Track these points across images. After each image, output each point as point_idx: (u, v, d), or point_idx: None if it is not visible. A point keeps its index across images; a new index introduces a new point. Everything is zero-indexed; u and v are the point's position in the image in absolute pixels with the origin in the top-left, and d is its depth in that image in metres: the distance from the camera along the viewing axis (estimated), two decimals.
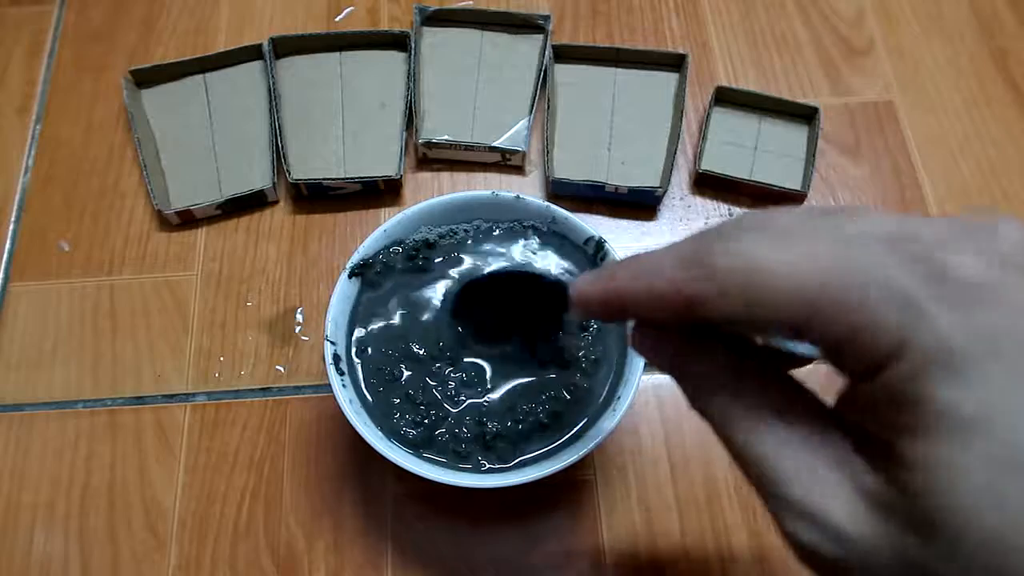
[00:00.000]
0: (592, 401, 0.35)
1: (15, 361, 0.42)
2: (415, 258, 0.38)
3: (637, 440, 0.40)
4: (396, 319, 0.37)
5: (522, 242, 0.39)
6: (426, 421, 0.34)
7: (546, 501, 0.38)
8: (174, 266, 0.44)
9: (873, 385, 0.17)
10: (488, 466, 0.34)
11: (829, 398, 0.20)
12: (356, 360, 0.36)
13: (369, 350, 0.36)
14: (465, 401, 0.35)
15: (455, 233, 0.39)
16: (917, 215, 0.18)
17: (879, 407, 0.17)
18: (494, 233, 0.39)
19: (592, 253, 0.37)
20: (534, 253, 0.38)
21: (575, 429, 0.35)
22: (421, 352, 0.36)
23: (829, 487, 0.18)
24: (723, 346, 0.21)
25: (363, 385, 0.36)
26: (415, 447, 0.34)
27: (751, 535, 0.38)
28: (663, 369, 0.22)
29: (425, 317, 0.37)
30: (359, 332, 0.37)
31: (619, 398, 0.34)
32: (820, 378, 0.20)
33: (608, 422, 0.33)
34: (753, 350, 0.22)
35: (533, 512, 0.38)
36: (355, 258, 0.36)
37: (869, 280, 0.17)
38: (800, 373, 0.21)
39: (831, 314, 0.17)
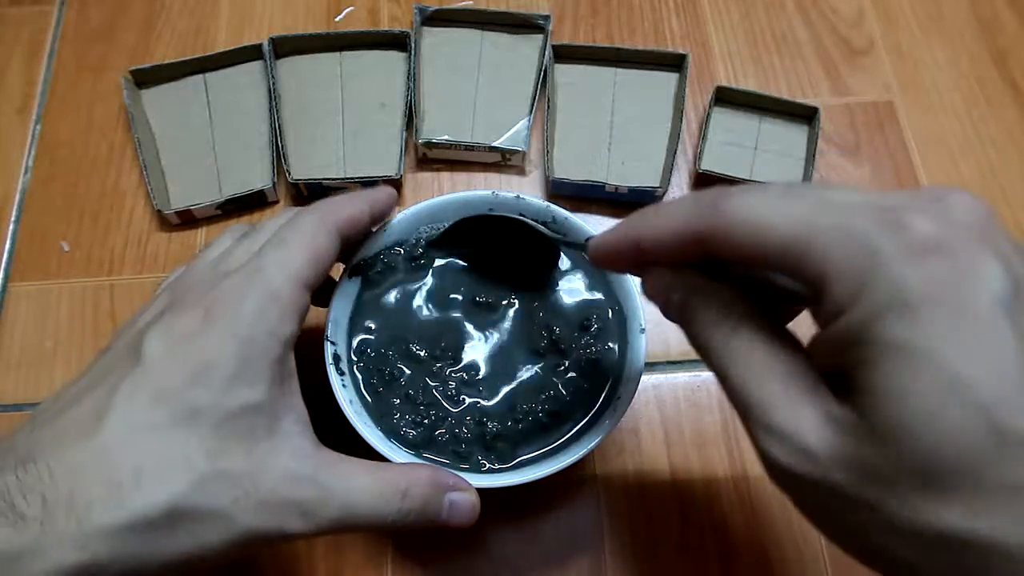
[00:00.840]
0: (592, 401, 0.35)
1: (15, 361, 0.42)
2: (416, 258, 0.38)
3: (637, 440, 0.40)
4: (396, 319, 0.37)
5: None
6: (426, 421, 0.34)
7: (546, 501, 0.38)
8: (174, 266, 0.44)
9: (839, 323, 0.20)
10: (488, 466, 0.34)
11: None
12: (356, 360, 0.36)
13: (369, 350, 0.36)
14: (465, 401, 0.35)
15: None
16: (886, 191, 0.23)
17: (843, 343, 0.20)
18: None
19: None
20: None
21: (575, 429, 0.35)
22: (421, 352, 0.36)
23: (803, 413, 0.21)
24: (728, 286, 0.24)
25: (363, 385, 0.36)
26: (415, 447, 0.34)
27: (751, 535, 0.38)
28: (669, 308, 0.25)
29: (425, 317, 0.37)
30: (359, 332, 0.37)
31: (619, 398, 0.34)
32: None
33: (608, 422, 0.33)
34: (752, 293, 0.25)
35: (533, 512, 0.38)
36: (355, 258, 0.36)
37: (843, 232, 0.20)
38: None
39: (811, 258, 0.20)
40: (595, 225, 0.37)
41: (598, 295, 0.37)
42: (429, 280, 0.38)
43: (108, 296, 0.44)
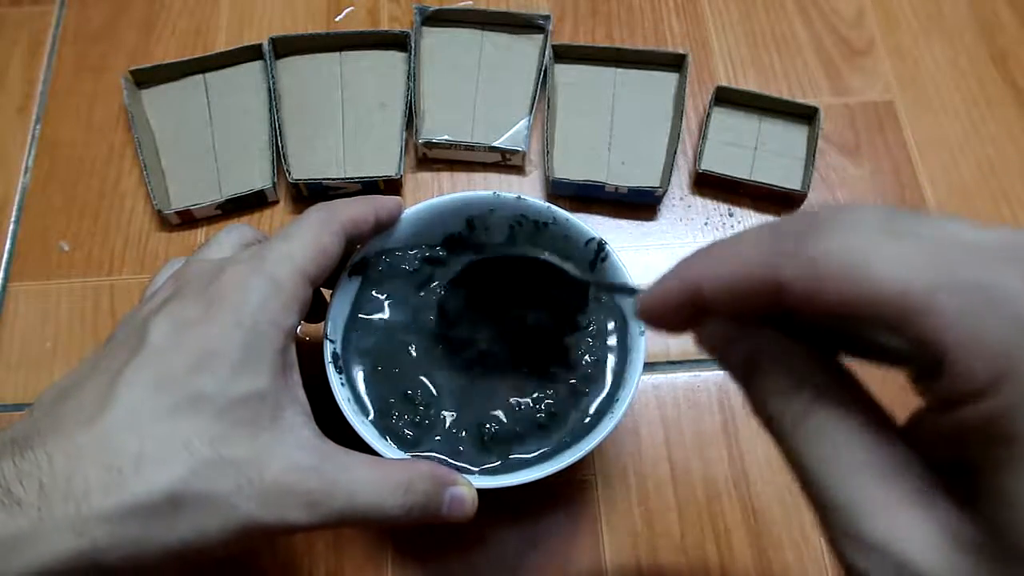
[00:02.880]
0: (590, 403, 0.35)
1: (15, 361, 0.42)
2: (415, 257, 0.38)
3: (637, 440, 0.40)
4: (396, 318, 0.37)
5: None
6: (425, 422, 0.34)
7: (546, 501, 0.38)
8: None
9: (970, 409, 0.16)
10: (484, 467, 0.34)
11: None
12: (355, 358, 0.36)
13: (368, 349, 0.36)
14: (463, 401, 0.35)
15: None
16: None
17: (972, 435, 0.16)
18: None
19: (593, 255, 0.37)
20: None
21: (573, 431, 0.35)
22: (420, 352, 0.36)
23: (908, 523, 0.16)
24: (806, 347, 0.19)
25: (361, 384, 0.36)
26: (412, 446, 0.34)
27: (751, 535, 0.38)
28: (734, 367, 0.21)
29: (425, 316, 0.37)
30: (359, 330, 0.37)
31: (618, 400, 0.34)
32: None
33: (607, 424, 0.33)
34: (829, 345, 0.20)
35: (533, 512, 0.38)
36: (356, 256, 0.36)
37: (981, 290, 0.15)
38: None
39: (934, 319, 0.15)
40: (595, 225, 0.37)
41: (599, 298, 0.37)
42: (429, 280, 0.38)
43: (108, 296, 0.44)
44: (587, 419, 0.35)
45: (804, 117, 0.47)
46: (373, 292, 0.37)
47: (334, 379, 0.34)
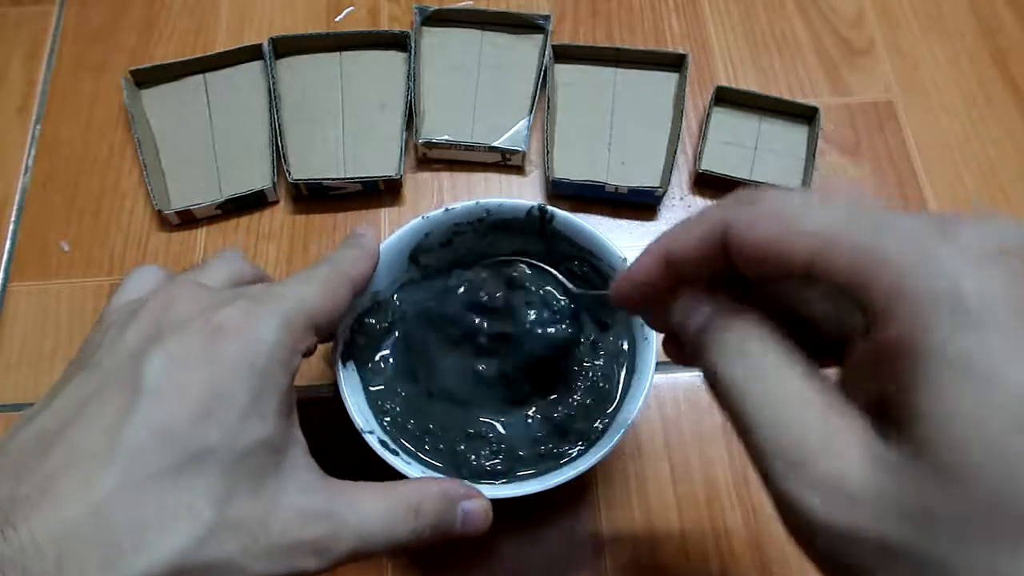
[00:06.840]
0: (597, 417, 0.35)
1: (15, 361, 0.42)
2: (420, 258, 0.38)
3: (637, 440, 0.40)
4: (402, 315, 0.37)
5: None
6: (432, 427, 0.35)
7: (546, 502, 0.38)
8: (174, 266, 0.44)
9: (883, 332, 0.17)
10: (488, 476, 0.34)
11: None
12: (358, 356, 0.36)
13: (370, 345, 0.36)
14: (466, 405, 0.35)
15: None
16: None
17: (888, 358, 0.17)
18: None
19: (539, 221, 0.37)
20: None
21: (578, 445, 0.35)
22: (427, 353, 0.36)
23: (846, 454, 0.17)
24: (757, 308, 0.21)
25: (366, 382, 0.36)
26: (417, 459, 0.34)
27: (751, 535, 0.38)
28: (695, 333, 0.22)
29: (432, 317, 0.37)
30: (365, 327, 0.37)
31: (622, 417, 0.34)
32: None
33: (609, 439, 0.33)
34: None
35: (533, 513, 0.38)
36: (339, 342, 0.35)
37: (887, 226, 0.17)
38: None
39: (849, 252, 0.18)
40: (595, 225, 0.37)
41: (612, 324, 0.37)
42: (437, 280, 0.38)
43: (108, 296, 0.44)
44: (592, 434, 0.35)
45: (804, 117, 0.47)
46: (369, 361, 0.36)
47: (340, 375, 0.34)
